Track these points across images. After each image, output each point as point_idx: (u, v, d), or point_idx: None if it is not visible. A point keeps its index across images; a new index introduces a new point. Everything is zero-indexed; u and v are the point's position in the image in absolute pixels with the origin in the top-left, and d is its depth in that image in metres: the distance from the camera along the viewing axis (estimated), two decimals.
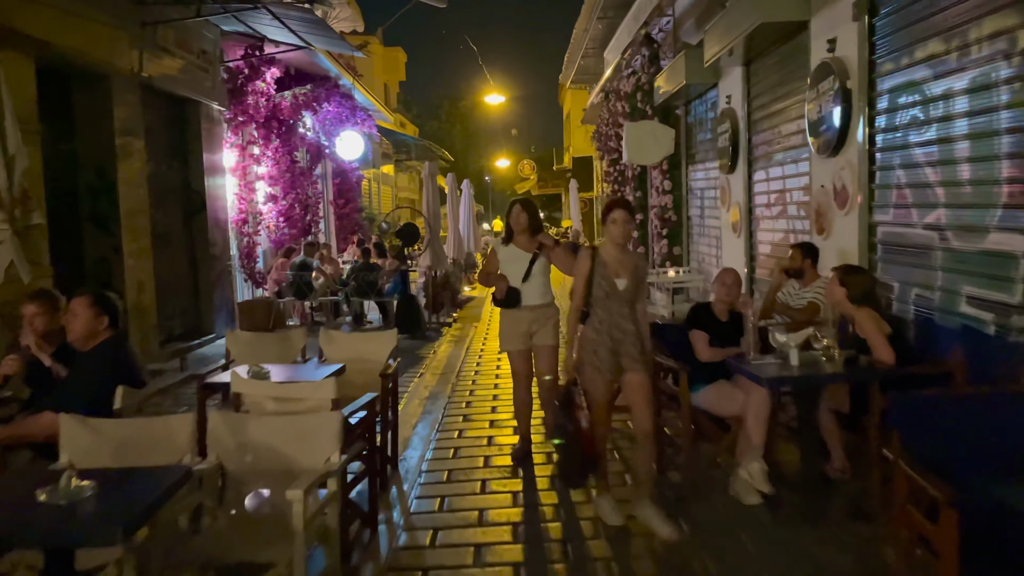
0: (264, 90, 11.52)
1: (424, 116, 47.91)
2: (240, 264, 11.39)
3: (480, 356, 9.15)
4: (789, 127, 6.84)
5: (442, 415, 6.40)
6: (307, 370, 4.49)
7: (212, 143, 10.53)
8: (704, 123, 9.98)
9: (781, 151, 7.09)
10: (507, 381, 7.57)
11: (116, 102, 7.99)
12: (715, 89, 9.17)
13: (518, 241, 5.03)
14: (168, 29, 8.93)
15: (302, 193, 13.10)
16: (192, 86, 9.79)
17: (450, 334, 10.98)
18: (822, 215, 5.93)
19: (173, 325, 9.69)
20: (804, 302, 5.56)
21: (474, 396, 7.06)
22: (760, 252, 7.85)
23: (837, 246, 5.71)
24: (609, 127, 14.58)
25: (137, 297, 8.25)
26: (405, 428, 5.96)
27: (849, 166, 5.44)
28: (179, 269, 9.95)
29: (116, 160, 7.97)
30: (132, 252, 8.20)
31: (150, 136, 8.94)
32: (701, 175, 10.16)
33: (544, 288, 5.04)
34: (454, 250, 15.53)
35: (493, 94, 30.06)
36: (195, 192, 10.26)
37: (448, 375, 8.05)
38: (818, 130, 5.83)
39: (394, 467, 5.01)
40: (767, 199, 7.52)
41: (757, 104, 7.70)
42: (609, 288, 3.91)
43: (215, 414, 3.16)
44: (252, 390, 3.69)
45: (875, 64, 5.19)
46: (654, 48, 11.00)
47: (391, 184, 29.32)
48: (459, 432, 5.87)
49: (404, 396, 7.09)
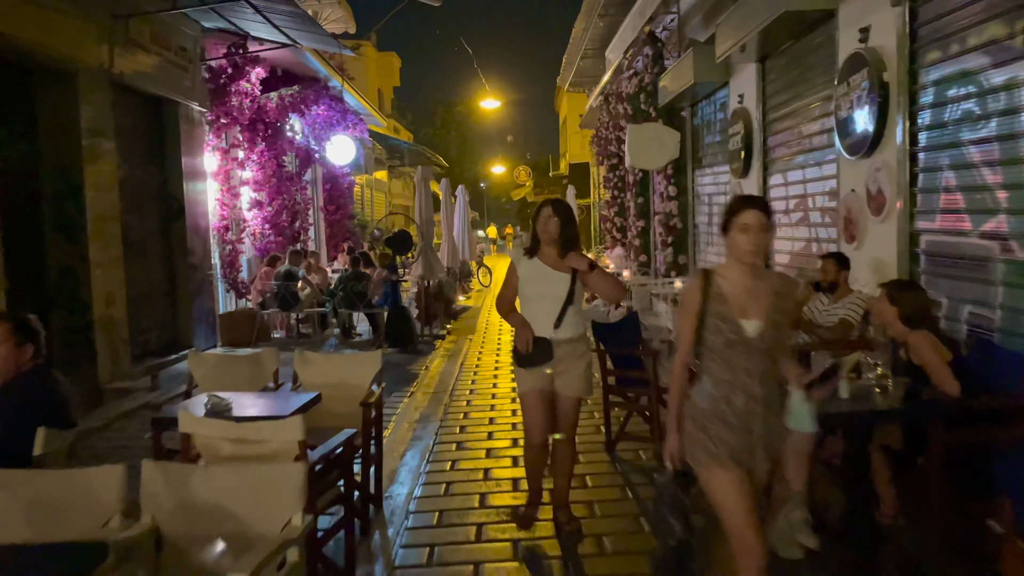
0: (249, 91, 10.91)
1: (419, 122, 47.40)
2: (222, 273, 10.79)
3: (475, 372, 8.56)
4: (811, 127, 6.30)
5: (433, 442, 5.81)
6: (276, 401, 3.90)
7: (192, 146, 9.94)
8: (713, 125, 9.45)
9: (802, 153, 6.54)
10: (504, 402, 7.00)
11: (83, 100, 7.40)
12: (725, 89, 8.64)
13: (546, 255, 3.79)
14: (142, 23, 8.36)
15: (289, 199, 12.51)
16: (169, 85, 9.21)
17: (443, 347, 10.40)
18: (852, 222, 5.38)
19: (148, 339, 9.08)
20: (835, 319, 5.02)
21: (469, 420, 6.47)
22: (777, 262, 7.29)
23: (870, 256, 5.16)
24: (609, 131, 14.06)
25: (106, 310, 7.64)
26: (392, 458, 5.37)
27: (886, 168, 4.89)
28: (155, 279, 9.35)
29: (83, 162, 7.37)
30: (101, 261, 7.60)
31: (123, 137, 8.35)
32: (709, 180, 9.62)
33: (575, 318, 3.81)
34: (448, 258, 14.96)
35: (489, 99, 29.51)
36: (173, 197, 9.66)
37: (441, 394, 7.46)
38: (848, 129, 5.29)
39: (378, 507, 4.43)
40: (785, 205, 6.96)
41: (774, 103, 7.16)
42: (733, 333, 2.61)
43: (149, 465, 2.58)
44: (204, 430, 3.10)
45: (917, 53, 4.65)
46: (658, 47, 10.48)
47: (384, 190, 28.73)
48: (452, 463, 5.28)
49: (392, 419, 6.51)
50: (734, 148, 7.92)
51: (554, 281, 3.75)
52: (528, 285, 3.82)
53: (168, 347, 9.39)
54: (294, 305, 10.57)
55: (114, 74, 7.90)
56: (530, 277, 3.81)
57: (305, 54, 12.05)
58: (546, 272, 3.76)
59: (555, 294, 3.73)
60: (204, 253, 10.17)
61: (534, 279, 3.79)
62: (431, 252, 11.74)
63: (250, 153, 11.49)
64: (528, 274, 3.82)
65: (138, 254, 8.88)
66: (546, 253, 3.79)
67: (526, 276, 3.82)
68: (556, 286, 3.74)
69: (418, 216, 11.83)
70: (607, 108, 14.19)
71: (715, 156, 9.33)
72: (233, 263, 10.90)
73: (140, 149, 9.11)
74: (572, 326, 3.77)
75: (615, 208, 15.78)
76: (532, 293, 3.81)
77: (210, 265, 10.37)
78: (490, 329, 12.01)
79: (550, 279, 3.75)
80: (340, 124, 14.11)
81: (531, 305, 3.81)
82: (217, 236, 10.65)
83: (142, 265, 8.98)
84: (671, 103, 9.76)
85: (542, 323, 3.72)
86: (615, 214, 15.79)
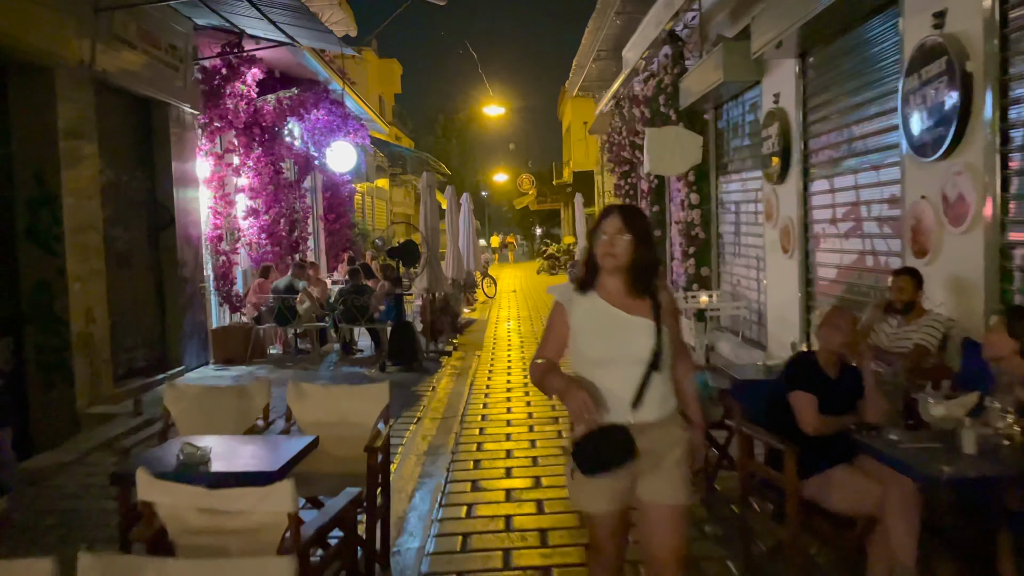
0: (244, 93, 10.31)
1: (420, 130, 46.85)
2: (215, 286, 10.15)
3: (486, 394, 7.91)
4: (866, 126, 5.66)
5: (445, 480, 5.15)
6: (264, 449, 3.25)
7: (183, 150, 9.33)
8: (741, 127, 8.82)
9: (853, 156, 5.91)
10: (521, 430, 6.36)
11: (61, 98, 6.78)
12: (755, 89, 8.03)
13: (610, 289, 2.55)
14: (128, 17, 7.75)
15: (287, 207, 11.89)
16: (159, 85, 8.60)
17: (450, 365, 9.74)
18: (923, 233, 4.74)
19: (134, 357, 8.44)
20: (907, 344, 4.37)
21: (483, 452, 5.82)
22: (820, 276, 6.65)
23: (946, 272, 4.52)
24: (622, 136, 13.45)
25: (85, 327, 7.00)
26: (399, 499, 4.72)
27: (969, 171, 4.25)
28: (142, 293, 8.71)
29: (60, 166, 6.74)
30: (80, 274, 6.96)
31: (106, 140, 7.73)
32: (736, 187, 8.98)
33: (664, 387, 2.51)
34: (453, 269, 14.34)
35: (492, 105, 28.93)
36: (162, 205, 9.04)
37: (450, 420, 6.81)
38: (918, 127, 4.66)
39: (384, 566, 3.78)
40: (832, 213, 6.33)
41: (817, 102, 6.54)
42: None
43: (87, 561, 1.92)
44: (169, 497, 2.45)
45: (1009, 40, 4.02)
46: (678, 46, 9.87)
47: (386, 199, 28.12)
48: (468, 508, 4.62)
49: (399, 450, 5.86)
50: (768, 152, 7.29)
51: (628, 331, 2.49)
52: (587, 338, 2.53)
53: (156, 366, 8.75)
54: (291, 319, 9.92)
55: (96, 71, 7.29)
56: (590, 326, 2.53)
57: (304, 55, 11.47)
58: (614, 317, 2.50)
59: (631, 351, 2.47)
60: (196, 264, 9.55)
61: (596, 328, 2.52)
62: (436, 263, 11.11)
63: (246, 159, 10.90)
64: (586, 321, 2.53)
65: (123, 266, 8.25)
66: (610, 286, 2.54)
67: (583, 324, 2.54)
68: (632, 338, 2.48)
69: (423, 225, 11.21)
70: (620, 112, 13.59)
71: (743, 161, 8.71)
72: (227, 275, 10.26)
73: (126, 153, 8.50)
74: (660, 400, 2.48)
75: None
76: (595, 351, 2.52)
77: (202, 277, 9.74)
78: (498, 344, 11.37)
79: (622, 328, 2.49)
80: (341, 130, 13.50)
81: (594, 371, 2.51)
82: (210, 246, 10.03)
83: (128, 278, 8.35)
84: (693, 105, 9.14)
85: (614, 399, 2.46)
86: None
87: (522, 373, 8.88)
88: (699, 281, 9.76)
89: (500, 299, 19.29)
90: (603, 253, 2.50)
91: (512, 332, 12.71)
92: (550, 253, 30.28)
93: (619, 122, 13.70)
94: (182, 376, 8.88)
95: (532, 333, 12.41)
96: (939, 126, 4.43)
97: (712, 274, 9.78)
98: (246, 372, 9.17)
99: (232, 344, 9.77)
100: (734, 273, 9.15)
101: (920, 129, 4.64)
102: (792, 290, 6.97)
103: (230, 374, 9.04)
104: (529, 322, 14.04)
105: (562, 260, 28.52)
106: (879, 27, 5.42)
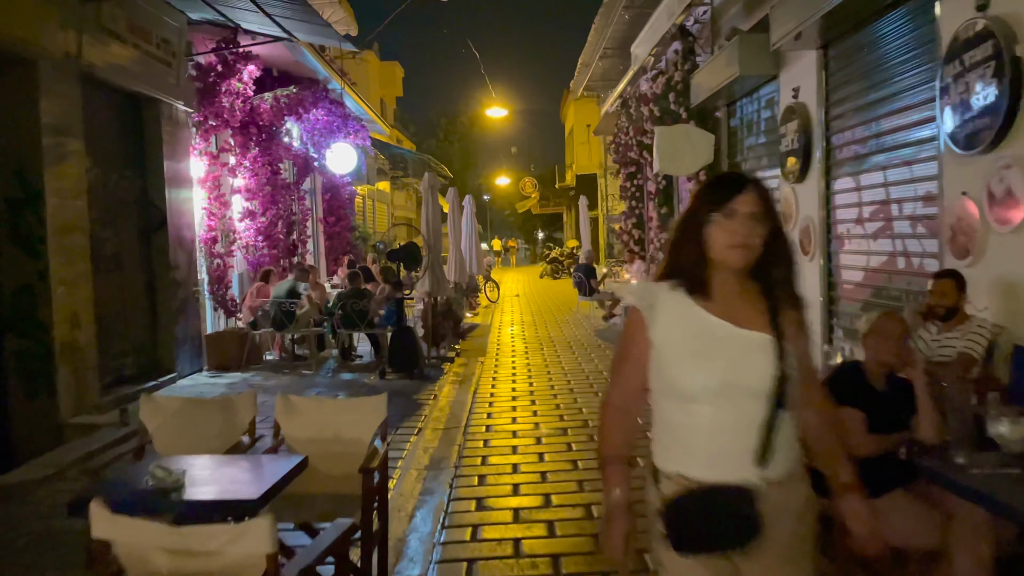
0: (241, 91, 9.98)
1: (422, 134, 46.54)
2: (209, 290, 9.81)
3: (490, 402, 7.56)
4: (896, 120, 5.32)
5: (448, 497, 4.80)
6: (246, 472, 2.90)
7: (176, 149, 9.00)
8: (755, 125, 8.48)
9: (882, 152, 5.56)
10: (527, 442, 6.01)
11: (44, 93, 6.44)
12: (771, 84, 7.69)
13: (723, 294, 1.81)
14: (116, 9, 7.42)
15: (285, 208, 11.56)
16: (150, 81, 8.27)
17: (452, 371, 9.39)
18: (964, 233, 4.39)
19: (123, 364, 8.10)
20: (950, 353, 4.02)
21: (488, 467, 5.46)
22: (844, 280, 6.30)
23: (992, 275, 4.18)
24: (629, 136, 13.11)
25: (70, 333, 6.66)
26: (399, 519, 4.38)
27: (1018, 164, 3.91)
28: (132, 297, 8.37)
29: (43, 164, 6.41)
30: (64, 278, 6.62)
31: (94, 137, 7.40)
32: None
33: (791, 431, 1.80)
34: (456, 272, 14.00)
35: (494, 107, 28.60)
36: (154, 206, 8.71)
37: (452, 431, 6.45)
38: (959, 118, 4.32)
39: None
40: (858, 213, 5.98)
41: (840, 95, 6.20)
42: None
43: None
44: (128, 536, 2.10)
45: None
46: (689, 41, 9.55)
47: (387, 202, 27.81)
48: (473, 530, 4.27)
49: (398, 464, 5.51)
50: (787, 149, 6.95)
51: (741, 351, 1.76)
52: (680, 362, 1.78)
53: (147, 373, 8.41)
54: (288, 324, 9.57)
55: (83, 65, 6.96)
56: (682, 343, 1.78)
57: (302, 51, 11.15)
58: (720, 331, 1.77)
59: (747, 380, 1.74)
60: (189, 267, 9.22)
61: (693, 347, 1.77)
62: (439, 266, 10.77)
63: (242, 159, 10.57)
64: (676, 336, 1.78)
65: (112, 269, 7.91)
66: (717, 288, 1.80)
67: (672, 341, 1.78)
68: (748, 362, 1.75)
69: (425, 227, 10.87)
70: (626, 112, 13.26)
71: (758, 160, 8.36)
72: (222, 278, 9.93)
73: (116, 151, 8.17)
74: (787, 450, 1.78)
75: (633, 220, 14.84)
76: (692, 380, 1.76)
77: (196, 281, 9.41)
78: (502, 350, 11.02)
79: (732, 347, 1.76)
80: (341, 130, 13.19)
81: (691, 410, 1.77)
82: (204, 249, 9.69)
83: (117, 281, 8.02)
84: (705, 102, 8.82)
85: (726, 450, 1.75)
86: (633, 226, 14.85)
87: (527, 381, 8.53)
88: None
89: (503, 303, 18.94)
90: (730, 243, 1.72)
91: (516, 337, 12.37)
92: (553, 257, 29.95)
93: (626, 122, 13.37)
94: (174, 383, 8.54)
95: (536, 338, 12.06)
96: (984, 116, 4.09)
97: None
98: (240, 379, 8.83)
99: (227, 350, 9.43)
100: None
101: (961, 120, 4.29)
102: (813, 295, 6.62)
103: (224, 381, 8.69)
104: (533, 327, 13.70)
105: (565, 264, 28.19)
106: (911, 13, 5.09)
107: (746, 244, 1.73)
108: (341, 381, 8.80)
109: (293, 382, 8.70)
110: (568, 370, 9.06)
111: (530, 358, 10.12)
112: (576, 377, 8.61)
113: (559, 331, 12.90)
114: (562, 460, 5.50)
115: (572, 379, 8.51)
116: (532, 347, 11.12)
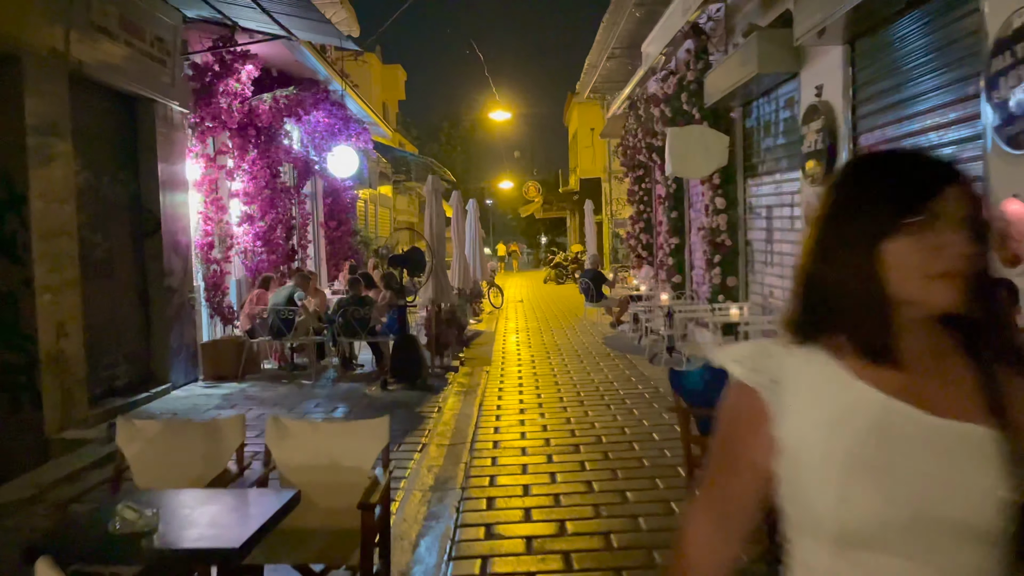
0: (239, 91, 9.67)
1: (424, 138, 46.26)
2: (205, 297, 9.49)
3: (497, 416, 7.22)
4: (934, 117, 4.98)
5: (455, 523, 4.46)
6: (231, 513, 2.56)
7: (171, 151, 8.69)
8: (773, 125, 8.14)
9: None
10: (538, 460, 5.66)
11: (29, 91, 6.13)
12: (792, 82, 7.35)
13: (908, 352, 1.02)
14: (107, 5, 7.13)
15: (284, 213, 11.24)
16: (144, 80, 7.97)
17: (457, 382, 9.05)
18: (1015, 239, 4.05)
19: (114, 375, 7.77)
20: None
21: (497, 488, 5.12)
22: None
23: None
24: (637, 138, 12.79)
25: (56, 343, 6.33)
26: (402, 548, 4.03)
27: None
28: (124, 305, 8.05)
29: (27, 166, 6.09)
30: (50, 285, 6.30)
31: (84, 139, 7.10)
32: (769, 189, 8.29)
33: None
34: (460, 278, 13.67)
35: (497, 110, 28.27)
36: (147, 210, 8.40)
37: (458, 448, 6.11)
38: (1010, 115, 3.98)
39: None
40: None
41: (869, 93, 5.86)
42: None
43: None
44: None
45: None
46: (702, 40, 9.22)
47: (389, 206, 27.51)
48: (482, 563, 3.92)
49: (401, 484, 5.17)
50: (810, 150, 6.61)
51: (951, 458, 0.98)
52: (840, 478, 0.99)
53: (139, 384, 8.08)
54: (287, 332, 9.24)
55: (72, 63, 6.66)
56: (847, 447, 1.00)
57: (303, 51, 10.84)
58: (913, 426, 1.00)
59: (955, 511, 0.97)
60: (184, 274, 8.90)
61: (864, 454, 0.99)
62: (443, 272, 10.44)
63: (240, 161, 10.26)
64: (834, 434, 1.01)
65: (102, 276, 7.59)
66: (908, 352, 1.03)
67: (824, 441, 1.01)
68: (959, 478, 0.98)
69: (428, 232, 10.54)
70: (635, 114, 12.94)
71: (776, 162, 8.02)
72: (219, 285, 9.60)
73: (107, 153, 7.85)
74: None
75: (641, 224, 14.52)
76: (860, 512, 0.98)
77: (192, 288, 9.09)
78: (507, 359, 10.67)
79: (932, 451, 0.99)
80: (342, 133, 12.88)
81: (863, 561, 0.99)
82: (200, 254, 9.36)
83: (108, 288, 7.69)
84: (719, 102, 8.48)
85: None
86: (641, 230, 14.53)
87: (535, 392, 8.19)
88: (724, 292, 9.08)
89: (507, 309, 18.59)
90: (936, 269, 0.99)
91: (521, 345, 12.02)
92: (557, 262, 29.58)
93: (634, 124, 13.05)
94: (168, 394, 8.22)
95: (542, 346, 11.72)
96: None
97: (740, 284, 9.09)
98: (237, 389, 8.50)
99: (223, 359, 9.10)
100: (765, 283, 8.44)
101: (1013, 117, 3.95)
102: None
103: (219, 392, 8.36)
104: (539, 334, 13.35)
105: (569, 269, 27.82)
106: (951, 2, 4.75)
107: (962, 271, 0.99)
108: (341, 391, 8.46)
109: (291, 392, 8.37)
110: (577, 380, 8.72)
111: (537, 367, 9.78)
112: (586, 388, 8.26)
113: (565, 338, 12.56)
114: (576, 481, 5.16)
115: (582, 390, 8.17)
116: (539, 355, 10.78)
